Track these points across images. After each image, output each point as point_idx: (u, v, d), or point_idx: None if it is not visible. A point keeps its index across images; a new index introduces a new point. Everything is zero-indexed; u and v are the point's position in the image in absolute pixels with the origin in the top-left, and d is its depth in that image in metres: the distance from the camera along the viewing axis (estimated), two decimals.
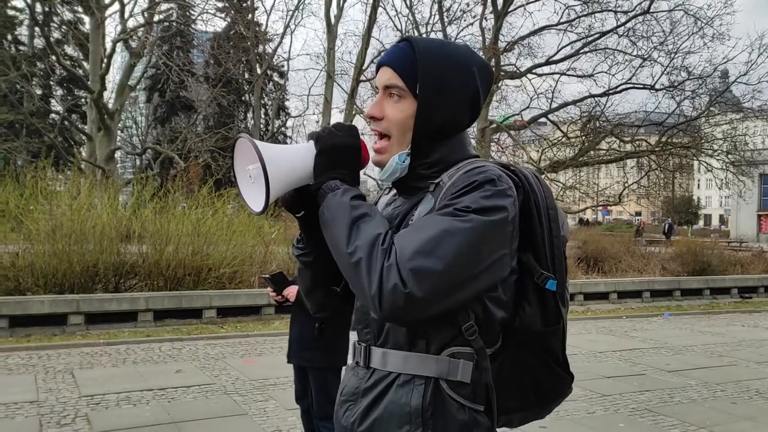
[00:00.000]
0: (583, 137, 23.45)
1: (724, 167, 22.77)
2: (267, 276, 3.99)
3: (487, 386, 1.42)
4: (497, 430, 1.48)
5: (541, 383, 1.51)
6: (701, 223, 67.66)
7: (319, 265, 1.53)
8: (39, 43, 26.40)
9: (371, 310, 1.31)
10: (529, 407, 1.55)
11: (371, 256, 1.28)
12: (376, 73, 1.52)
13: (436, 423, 1.37)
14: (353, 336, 1.56)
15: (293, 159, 1.41)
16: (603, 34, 21.94)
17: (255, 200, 1.41)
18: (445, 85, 1.44)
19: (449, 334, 1.39)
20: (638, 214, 61.77)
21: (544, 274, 1.43)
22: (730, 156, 22.53)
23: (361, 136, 1.48)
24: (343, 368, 1.67)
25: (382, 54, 1.55)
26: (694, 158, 24.85)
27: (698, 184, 68.08)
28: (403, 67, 1.45)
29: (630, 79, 22.29)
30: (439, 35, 21.82)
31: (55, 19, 26.94)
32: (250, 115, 33.62)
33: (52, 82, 31.98)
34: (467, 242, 1.29)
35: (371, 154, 1.49)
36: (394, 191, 1.60)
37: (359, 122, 24.27)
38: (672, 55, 21.63)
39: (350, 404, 1.49)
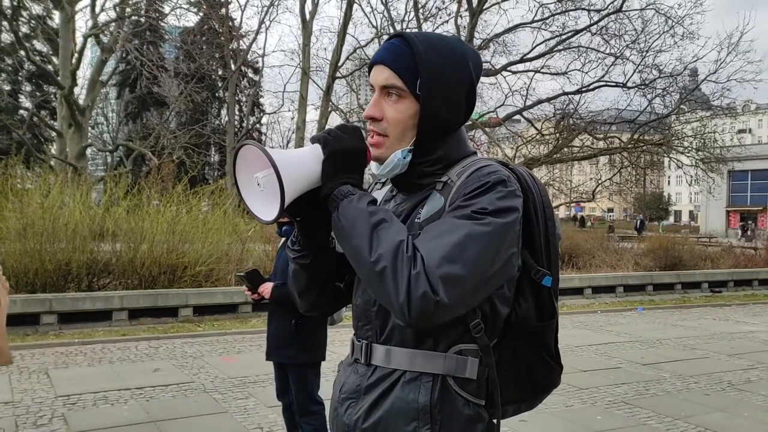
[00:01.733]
0: (557, 134, 23.71)
1: (694, 164, 23.20)
2: (241, 274, 4.00)
3: (489, 381, 1.44)
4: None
5: (535, 375, 1.54)
6: (672, 219, 68.83)
7: (316, 267, 1.53)
8: (7, 37, 25.84)
9: (397, 316, 1.31)
10: (524, 398, 1.57)
11: (396, 264, 1.27)
12: (369, 70, 1.50)
13: (444, 419, 1.39)
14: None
15: (302, 164, 1.38)
16: (576, 32, 22.20)
17: (264, 209, 1.38)
18: (445, 83, 1.44)
19: (457, 332, 1.41)
20: (610, 210, 62.60)
21: (541, 270, 1.46)
22: (699, 153, 22.94)
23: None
24: (336, 365, 1.67)
25: (376, 51, 1.52)
26: (665, 155, 25.26)
27: (669, 181, 69.22)
28: (402, 67, 1.43)
29: (603, 77, 22.62)
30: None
31: (23, 13, 26.41)
32: (224, 111, 33.32)
33: (20, 78, 31.33)
34: (488, 246, 1.31)
35: (370, 149, 1.46)
36: (389, 186, 1.60)
37: (335, 119, 24.20)
38: (643, 54, 22.00)
39: (351, 402, 1.49)
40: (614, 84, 22.70)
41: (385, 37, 22.54)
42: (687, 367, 7.22)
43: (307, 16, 23.73)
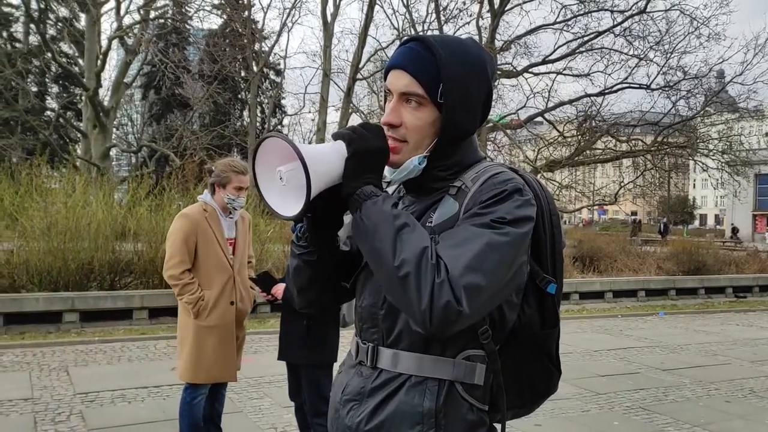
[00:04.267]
0: (579, 137, 23.47)
1: (720, 167, 22.81)
2: (253, 277, 4.05)
3: (494, 387, 1.43)
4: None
5: (535, 381, 1.53)
6: (697, 222, 67.83)
7: (320, 265, 1.52)
8: (34, 40, 26.31)
9: (417, 324, 1.29)
10: (523, 404, 1.56)
11: (420, 270, 1.25)
12: (386, 74, 1.48)
13: (448, 424, 1.38)
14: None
15: (327, 160, 1.35)
16: (599, 33, 21.94)
17: (285, 204, 1.35)
18: (467, 91, 1.43)
19: (465, 338, 1.40)
20: (634, 213, 61.85)
21: (546, 277, 1.45)
22: (725, 156, 22.57)
23: None
24: (338, 366, 1.67)
25: (393, 54, 1.49)
26: (690, 158, 24.91)
27: (694, 184, 68.27)
28: (423, 74, 1.41)
29: (626, 78, 22.30)
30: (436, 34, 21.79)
31: (50, 15, 26.83)
32: (246, 113, 33.50)
33: (47, 79, 31.84)
34: (506, 255, 1.31)
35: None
36: (396, 187, 1.60)
37: (356, 121, 24.24)
38: (668, 55, 21.66)
39: (354, 404, 1.48)
40: (638, 86, 22.40)
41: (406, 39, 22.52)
42: (708, 373, 7.11)
43: (329, 18, 23.79)
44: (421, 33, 21.23)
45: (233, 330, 3.96)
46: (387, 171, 1.49)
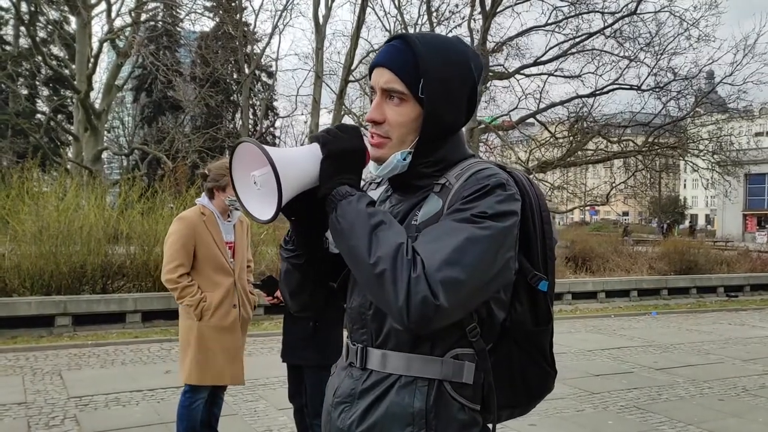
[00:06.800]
0: (571, 138, 23.56)
1: (710, 167, 22.93)
2: (257, 282, 4.01)
3: (484, 386, 1.42)
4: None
5: (530, 380, 1.52)
6: (687, 222, 68.17)
7: (309, 268, 1.52)
8: (25, 42, 26.17)
9: (395, 320, 1.29)
10: (518, 404, 1.56)
11: (396, 267, 1.25)
12: (370, 73, 1.48)
13: (439, 424, 1.37)
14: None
15: (300, 163, 1.35)
16: (590, 35, 22.05)
17: (261, 208, 1.35)
18: (448, 86, 1.42)
19: (453, 337, 1.39)
20: (625, 213, 62.19)
21: (537, 274, 1.44)
22: (715, 156, 22.70)
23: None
24: (332, 366, 1.67)
25: (377, 53, 1.50)
26: (681, 158, 25.06)
27: (684, 184, 68.58)
28: (403, 70, 1.41)
29: (617, 79, 22.41)
30: None
31: (41, 18, 26.70)
32: (238, 115, 33.45)
33: (37, 83, 31.65)
34: (487, 250, 1.30)
35: (370, 149, 1.45)
36: (385, 187, 1.59)
37: (347, 122, 24.19)
38: (658, 56, 21.78)
39: (345, 406, 1.48)
40: (628, 87, 22.51)
41: None
42: (701, 372, 7.15)
43: (321, 20, 23.79)
44: None
45: (238, 332, 3.94)
46: (372, 167, 1.49)
